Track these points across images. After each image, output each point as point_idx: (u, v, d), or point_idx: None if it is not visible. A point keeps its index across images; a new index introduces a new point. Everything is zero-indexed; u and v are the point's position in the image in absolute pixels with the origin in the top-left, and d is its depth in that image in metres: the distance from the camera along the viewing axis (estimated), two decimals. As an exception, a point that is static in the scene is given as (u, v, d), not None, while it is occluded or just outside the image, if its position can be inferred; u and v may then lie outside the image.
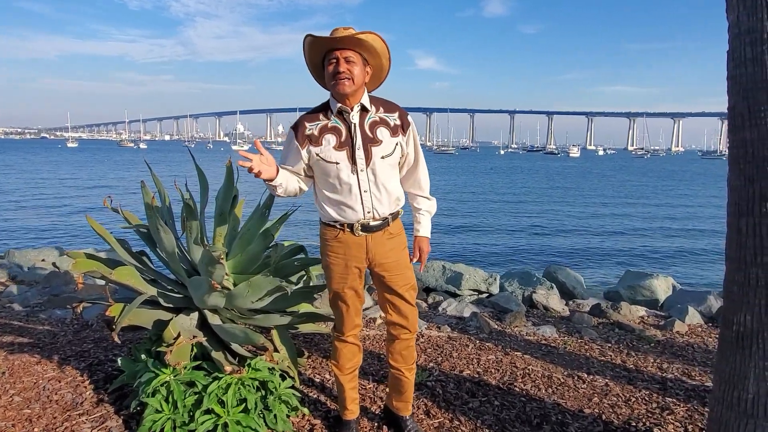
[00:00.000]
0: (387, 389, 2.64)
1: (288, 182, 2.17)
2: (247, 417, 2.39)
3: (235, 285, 2.67)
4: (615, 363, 3.45)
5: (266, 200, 2.78)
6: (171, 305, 2.58)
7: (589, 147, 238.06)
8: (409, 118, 2.24)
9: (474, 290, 5.16)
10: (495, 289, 5.19)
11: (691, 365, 3.43)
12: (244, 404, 2.41)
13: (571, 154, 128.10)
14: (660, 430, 2.61)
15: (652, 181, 45.38)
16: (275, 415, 2.49)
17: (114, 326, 2.28)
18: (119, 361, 2.71)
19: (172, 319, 2.55)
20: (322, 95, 2.25)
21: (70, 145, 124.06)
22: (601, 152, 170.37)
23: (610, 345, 3.77)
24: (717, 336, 3.96)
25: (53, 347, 3.40)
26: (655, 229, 18.08)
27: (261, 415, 2.45)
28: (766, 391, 1.90)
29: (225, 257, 2.38)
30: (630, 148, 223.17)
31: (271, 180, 2.09)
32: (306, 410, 2.65)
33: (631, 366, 3.41)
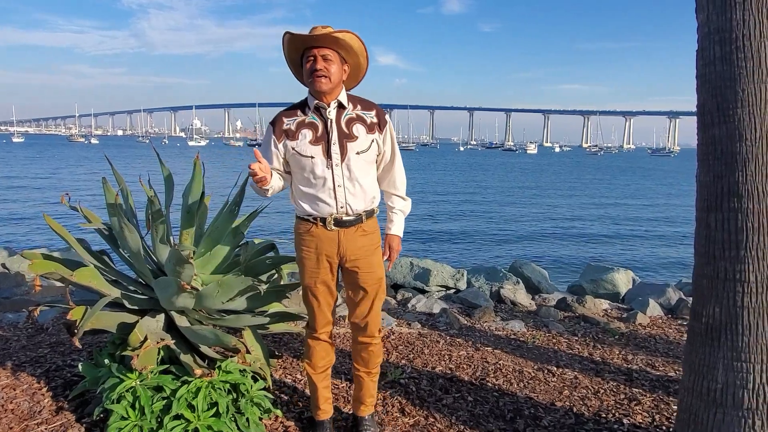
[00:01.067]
0: None
1: (275, 182, 2.19)
2: (218, 421, 2.32)
3: (203, 285, 2.58)
4: (582, 356, 3.52)
5: (235, 197, 2.69)
6: (136, 307, 2.47)
7: (545, 144, 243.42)
8: (387, 117, 2.28)
9: (442, 286, 5.18)
10: (462, 285, 5.22)
11: (655, 356, 3.54)
12: (215, 408, 2.34)
13: (528, 151, 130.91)
14: (629, 420, 2.67)
15: (608, 177, 46.89)
16: (247, 419, 2.42)
17: (76, 330, 2.17)
18: (80, 367, 2.57)
19: (137, 321, 2.45)
20: (283, 91, 2.24)
21: (15, 140, 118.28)
22: (557, 149, 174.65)
23: (576, 338, 3.85)
24: (677, 327, 4.10)
25: (6, 353, 3.22)
26: (611, 224, 18.68)
27: (233, 419, 2.38)
28: (734, 381, 1.96)
29: (194, 256, 2.30)
30: (584, 145, 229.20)
31: (266, 185, 2.10)
32: (279, 412, 2.59)
33: (598, 358, 3.48)
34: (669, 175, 54.09)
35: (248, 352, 2.58)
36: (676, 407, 2.80)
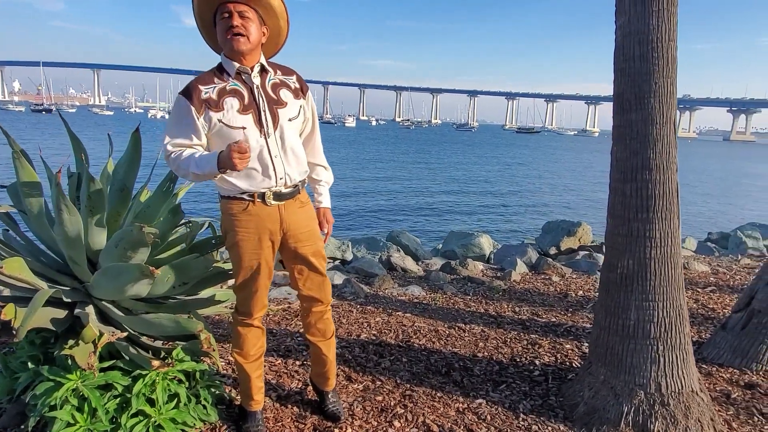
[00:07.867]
0: (298, 362, 2.61)
1: None
2: (180, 412, 2.20)
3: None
4: (480, 312, 3.95)
5: (169, 173, 2.46)
6: (69, 300, 2.16)
7: (362, 117, 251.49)
8: (305, 83, 2.20)
9: (330, 258, 5.27)
10: (349, 256, 5.38)
11: (535, 306, 4.11)
12: (174, 400, 2.20)
13: (347, 124, 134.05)
14: (540, 361, 3.12)
15: (433, 149, 50.80)
16: (205, 406, 2.32)
17: (15, 331, 1.85)
18: (-13, 377, 2.19)
19: (68, 315, 2.16)
20: (74, 51, 2.00)
21: None
22: (374, 122, 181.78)
23: (470, 297, 4.28)
24: (543, 281, 4.78)
25: None
26: (449, 194, 20.41)
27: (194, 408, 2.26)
28: (643, 318, 2.45)
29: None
30: (398, 119, 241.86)
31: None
32: (232, 394, 2.51)
33: (494, 313, 3.94)
34: (476, 147, 60.65)
35: (196, 337, 2.44)
36: (569, 346, 3.34)
